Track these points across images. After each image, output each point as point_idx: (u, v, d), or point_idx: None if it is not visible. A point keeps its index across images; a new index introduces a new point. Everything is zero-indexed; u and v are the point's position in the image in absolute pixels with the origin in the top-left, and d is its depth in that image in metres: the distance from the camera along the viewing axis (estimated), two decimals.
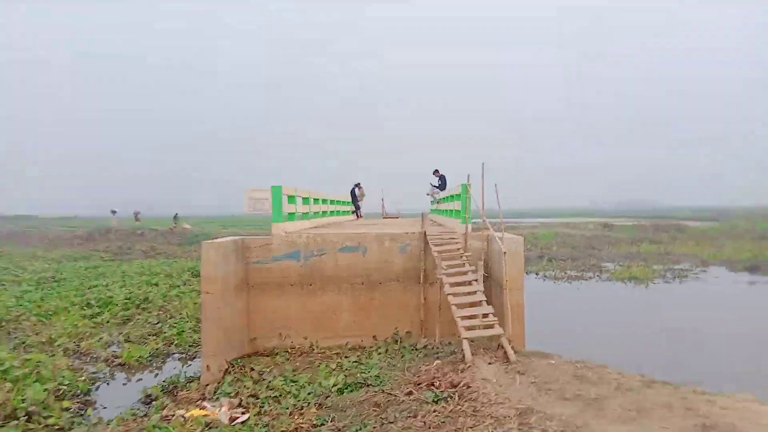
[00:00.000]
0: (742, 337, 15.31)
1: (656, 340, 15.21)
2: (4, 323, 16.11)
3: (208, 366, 10.76)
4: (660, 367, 11.14)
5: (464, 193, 11.99)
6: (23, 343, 13.88)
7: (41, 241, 50.68)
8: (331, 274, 12.36)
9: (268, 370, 10.64)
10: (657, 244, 42.08)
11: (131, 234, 49.86)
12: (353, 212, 26.36)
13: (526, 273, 29.34)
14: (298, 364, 11.02)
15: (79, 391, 10.55)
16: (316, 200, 17.36)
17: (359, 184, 26.66)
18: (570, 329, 16.20)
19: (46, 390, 9.64)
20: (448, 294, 9.70)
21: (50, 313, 17.13)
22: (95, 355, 13.18)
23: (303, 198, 15.71)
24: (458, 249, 11.30)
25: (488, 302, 9.68)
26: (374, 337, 12.27)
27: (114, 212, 65.64)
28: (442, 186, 20.66)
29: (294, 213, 13.95)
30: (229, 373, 10.82)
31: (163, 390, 10.32)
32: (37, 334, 14.77)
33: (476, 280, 10.04)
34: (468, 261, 10.88)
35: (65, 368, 11.27)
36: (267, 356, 11.95)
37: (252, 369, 10.73)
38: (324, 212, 19.13)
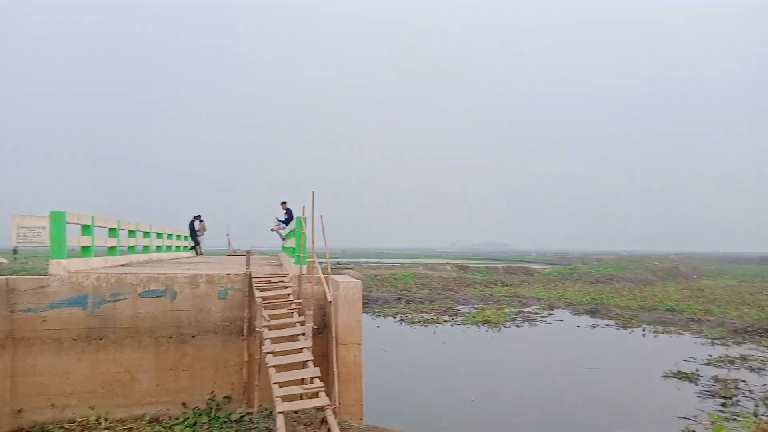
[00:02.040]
0: (588, 377, 15.01)
1: (508, 389, 14.38)
2: None
3: None
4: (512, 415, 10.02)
5: (298, 228, 10.23)
6: None
7: None
8: (128, 326, 9.83)
9: None
10: (508, 286, 43.49)
11: None
12: (192, 248, 23.47)
13: (383, 316, 28.31)
14: None
15: None
16: (131, 233, 14.60)
17: (200, 216, 23.88)
18: (418, 386, 14.87)
19: None
20: (266, 352, 7.76)
21: None
22: None
23: (110, 228, 12.97)
24: (288, 295, 9.43)
25: (328, 361, 7.89)
26: (183, 404, 9.88)
27: (15, 251, 53.21)
28: (289, 220, 18.78)
29: (89, 247, 11.23)
30: None
31: None
32: None
33: (304, 334, 8.21)
34: (299, 310, 9.03)
35: None
36: None
37: None
38: (146, 247, 16.30)
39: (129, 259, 14.10)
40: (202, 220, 24.29)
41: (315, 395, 7.00)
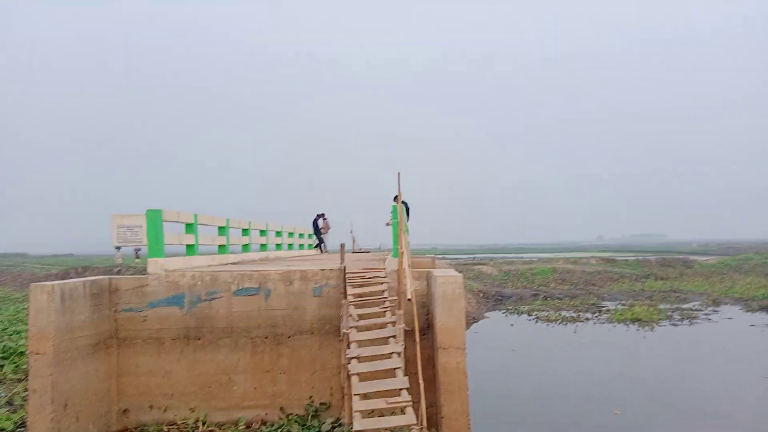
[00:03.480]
0: None
1: (663, 400, 12.04)
2: None
3: None
4: None
5: (395, 217, 9.11)
6: None
7: (14, 281, 47.99)
8: (224, 325, 9.40)
9: None
10: (663, 280, 38.85)
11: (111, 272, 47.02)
12: (316, 246, 23.47)
13: (517, 313, 26.35)
14: None
15: None
16: (245, 231, 14.50)
17: (323, 214, 23.80)
18: (551, 394, 13.02)
19: None
20: (350, 357, 6.74)
21: None
22: None
23: (219, 227, 12.86)
24: (382, 292, 8.35)
25: (432, 366, 6.71)
26: (281, 409, 9.24)
27: (118, 248, 61.33)
28: (406, 215, 17.75)
29: (193, 245, 11.08)
30: None
31: None
32: None
33: (395, 336, 7.07)
34: (392, 309, 7.91)
35: None
36: None
37: None
38: (263, 245, 16.24)
39: (241, 258, 14.02)
40: (325, 218, 24.24)
41: (401, 411, 5.85)
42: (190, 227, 11.04)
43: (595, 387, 13.42)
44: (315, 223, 23.32)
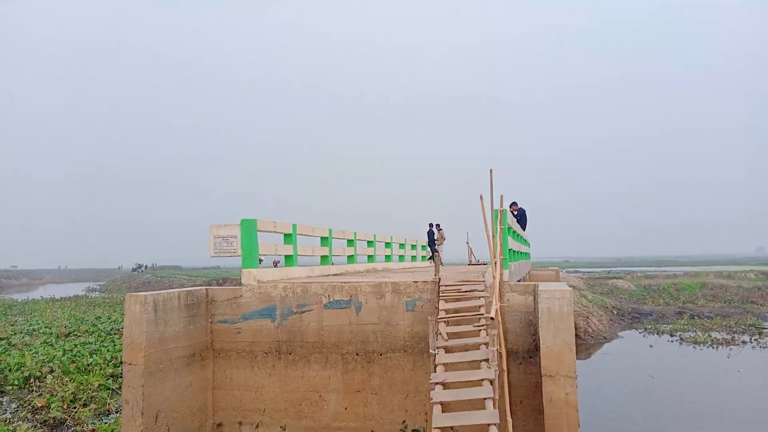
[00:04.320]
0: None
1: None
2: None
3: None
4: None
5: (496, 224, 8.08)
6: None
7: None
8: (314, 340, 8.95)
9: None
10: None
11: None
12: (430, 258, 22.70)
13: (657, 333, 23.51)
14: None
15: None
16: (350, 242, 14.14)
17: (438, 224, 23.00)
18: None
19: None
20: (434, 383, 5.87)
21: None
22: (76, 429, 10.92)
23: (322, 238, 12.57)
24: (479, 308, 7.36)
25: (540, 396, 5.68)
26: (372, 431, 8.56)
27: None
28: (521, 223, 16.43)
29: (291, 256, 10.83)
30: None
31: None
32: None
33: (487, 360, 6.08)
34: (488, 327, 6.91)
35: None
36: None
37: None
38: (370, 257, 15.80)
39: (345, 269, 13.66)
40: (440, 229, 23.45)
41: None
42: (288, 237, 10.82)
43: (756, 424, 11.17)
44: (429, 234, 22.60)
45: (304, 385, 8.89)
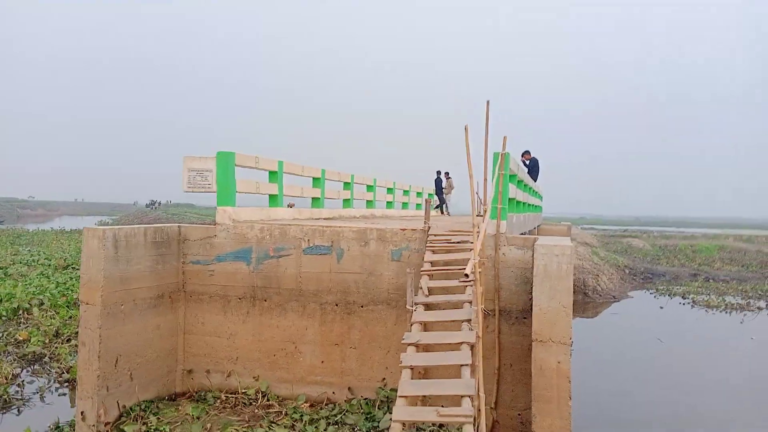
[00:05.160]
0: None
1: None
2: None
3: (82, 413, 7.24)
4: None
5: (494, 168, 7.12)
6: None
7: None
8: (292, 287, 8.22)
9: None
10: None
11: None
12: (437, 207, 21.76)
13: (669, 295, 22.64)
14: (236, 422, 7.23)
15: None
16: (347, 185, 13.24)
17: (447, 172, 21.92)
18: (699, 402, 10.30)
19: None
20: (407, 344, 5.10)
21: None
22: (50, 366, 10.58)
23: (314, 178, 11.71)
24: (468, 261, 6.50)
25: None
26: (350, 389, 7.93)
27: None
28: (533, 173, 15.37)
29: (276, 196, 10.00)
30: (125, 424, 7.28)
31: None
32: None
33: (469, 321, 5.28)
34: (478, 282, 6.06)
35: None
36: (198, 401, 8.22)
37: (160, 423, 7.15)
38: (369, 202, 14.94)
39: (339, 213, 12.82)
40: (449, 177, 22.35)
41: (457, 429, 4.14)
42: (273, 175, 9.97)
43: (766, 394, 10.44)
44: (437, 182, 21.58)
45: (279, 335, 8.23)
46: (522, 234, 10.15)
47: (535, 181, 15.89)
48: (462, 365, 4.70)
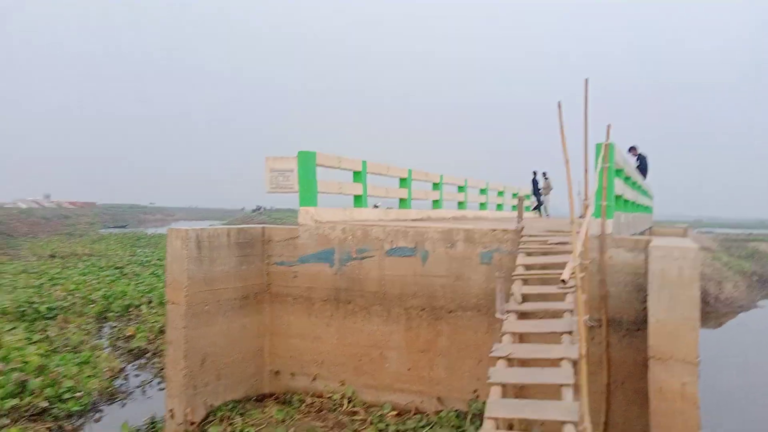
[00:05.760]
0: None
1: None
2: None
3: (171, 411, 7.26)
4: None
5: (597, 160, 6.29)
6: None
7: None
8: (375, 290, 7.81)
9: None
10: None
11: None
12: (535, 208, 20.61)
13: None
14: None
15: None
16: (436, 185, 12.69)
17: (545, 173, 20.69)
18: None
19: None
20: (497, 357, 4.48)
21: None
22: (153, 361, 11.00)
23: (401, 179, 11.27)
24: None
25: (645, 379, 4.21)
26: (439, 399, 7.37)
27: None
28: (642, 170, 13.97)
29: (360, 196, 9.67)
30: (212, 424, 7.24)
31: None
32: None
33: (570, 333, 4.55)
34: (579, 288, 5.29)
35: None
36: (284, 403, 8.05)
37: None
38: (461, 203, 14.27)
39: (427, 215, 12.26)
40: (547, 178, 21.09)
41: None
42: (357, 176, 9.65)
43: None
44: (534, 182, 20.43)
45: (363, 339, 7.85)
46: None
47: (644, 179, 14.46)
48: (562, 385, 4.00)
